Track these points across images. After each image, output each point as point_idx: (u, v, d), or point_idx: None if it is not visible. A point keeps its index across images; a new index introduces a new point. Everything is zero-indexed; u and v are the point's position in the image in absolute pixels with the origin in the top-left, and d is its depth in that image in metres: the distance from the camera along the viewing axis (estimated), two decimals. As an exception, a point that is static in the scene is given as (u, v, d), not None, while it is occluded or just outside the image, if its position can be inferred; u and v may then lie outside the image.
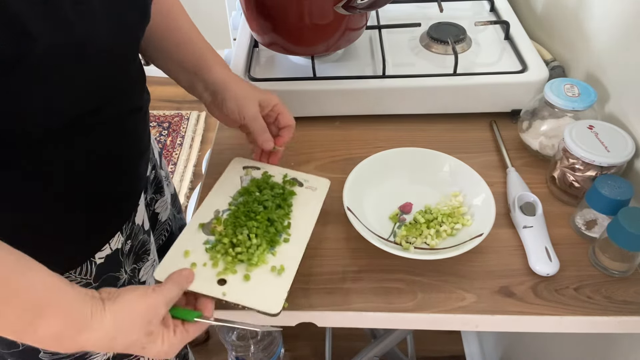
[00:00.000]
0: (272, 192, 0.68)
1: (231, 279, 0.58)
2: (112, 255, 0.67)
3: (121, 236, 0.68)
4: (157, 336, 0.50)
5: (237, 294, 0.57)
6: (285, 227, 0.65)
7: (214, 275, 0.59)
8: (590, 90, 0.74)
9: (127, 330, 0.48)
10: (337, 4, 0.75)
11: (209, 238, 0.63)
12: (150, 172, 0.83)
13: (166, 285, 0.53)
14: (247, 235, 0.61)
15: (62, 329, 0.46)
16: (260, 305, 0.56)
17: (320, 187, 0.71)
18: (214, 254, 0.61)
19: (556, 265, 0.63)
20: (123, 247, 0.69)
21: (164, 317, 0.51)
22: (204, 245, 0.62)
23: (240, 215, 0.64)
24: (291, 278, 0.59)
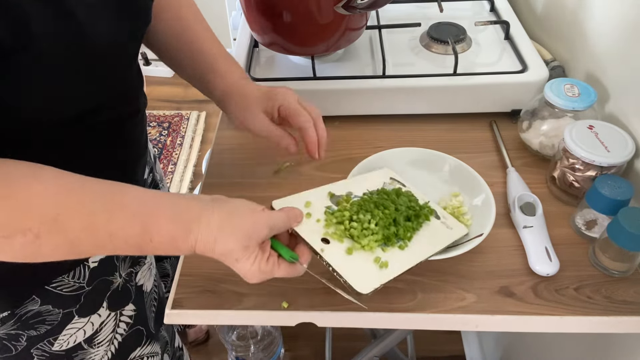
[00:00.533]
0: (408, 203, 0.66)
1: (334, 244, 0.57)
2: (106, 259, 0.67)
3: None
4: (251, 254, 0.50)
5: (334, 258, 0.55)
6: (407, 237, 0.62)
7: (321, 231, 0.58)
8: (590, 90, 0.74)
9: (228, 236, 0.49)
10: (337, 4, 0.75)
11: (332, 205, 0.62)
12: (148, 175, 0.83)
13: (276, 212, 0.53)
14: (369, 220, 0.60)
15: (173, 232, 0.48)
16: (351, 278, 0.54)
17: (456, 229, 0.67)
18: (330, 217, 0.60)
19: (556, 265, 0.63)
20: None
21: (264, 240, 0.51)
22: (325, 208, 0.61)
23: (370, 202, 0.63)
24: (391, 276, 0.56)
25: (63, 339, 0.66)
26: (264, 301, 0.63)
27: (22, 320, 0.62)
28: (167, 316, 0.63)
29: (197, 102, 2.47)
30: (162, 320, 0.85)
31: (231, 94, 0.69)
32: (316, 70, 0.85)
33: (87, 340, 0.69)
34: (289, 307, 0.62)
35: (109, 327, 0.71)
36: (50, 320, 0.64)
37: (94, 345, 0.70)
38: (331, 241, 0.57)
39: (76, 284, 0.64)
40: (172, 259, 1.07)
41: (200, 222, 0.49)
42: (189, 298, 0.64)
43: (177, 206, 0.50)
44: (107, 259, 0.67)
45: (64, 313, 0.65)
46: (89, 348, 0.70)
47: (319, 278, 0.56)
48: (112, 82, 0.58)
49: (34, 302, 0.62)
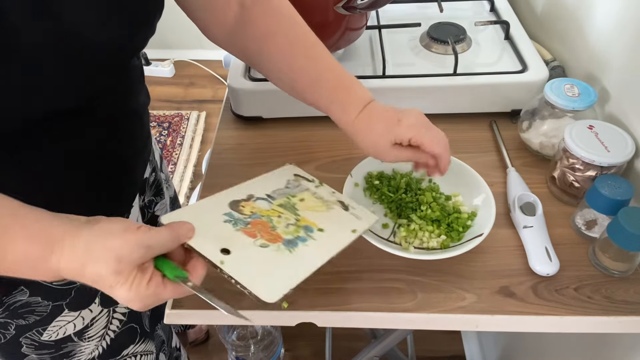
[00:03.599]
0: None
1: (237, 252, 0.53)
2: None
3: None
4: (126, 279, 0.44)
5: (236, 269, 0.50)
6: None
7: (220, 240, 0.53)
8: (590, 90, 0.74)
9: (96, 260, 0.44)
10: (337, 3, 0.75)
11: (232, 212, 0.59)
12: (150, 175, 0.83)
13: (156, 230, 0.47)
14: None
15: (29, 251, 0.43)
16: (256, 288, 0.49)
17: (365, 219, 0.66)
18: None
19: (556, 265, 0.63)
20: None
21: (143, 261, 0.45)
22: (224, 216, 0.58)
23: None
24: (301, 278, 0.54)
25: (52, 330, 0.67)
26: (264, 301, 0.63)
27: (11, 309, 0.63)
28: (167, 316, 0.63)
29: (197, 102, 2.47)
30: (158, 319, 0.85)
31: (356, 133, 0.63)
32: (316, 70, 0.85)
33: (78, 333, 0.69)
34: (289, 307, 0.62)
35: (101, 323, 0.71)
36: (39, 312, 0.64)
37: (85, 339, 0.70)
38: (232, 250, 0.53)
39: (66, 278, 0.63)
40: None
41: (63, 243, 0.44)
42: (188, 298, 0.63)
43: (39, 223, 0.44)
44: None
45: (54, 305, 0.65)
46: (79, 341, 0.70)
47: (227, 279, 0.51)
48: (105, 82, 0.58)
49: (22, 293, 0.62)
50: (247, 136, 0.86)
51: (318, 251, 0.58)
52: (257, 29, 0.64)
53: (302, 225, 0.61)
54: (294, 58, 0.64)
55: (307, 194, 0.68)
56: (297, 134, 0.86)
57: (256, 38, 0.64)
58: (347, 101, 0.63)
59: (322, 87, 0.64)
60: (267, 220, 0.60)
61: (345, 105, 0.63)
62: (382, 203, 0.73)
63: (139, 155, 0.72)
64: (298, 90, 0.66)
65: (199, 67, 2.63)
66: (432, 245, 0.66)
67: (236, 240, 0.55)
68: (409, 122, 0.61)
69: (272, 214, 0.61)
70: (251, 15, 0.64)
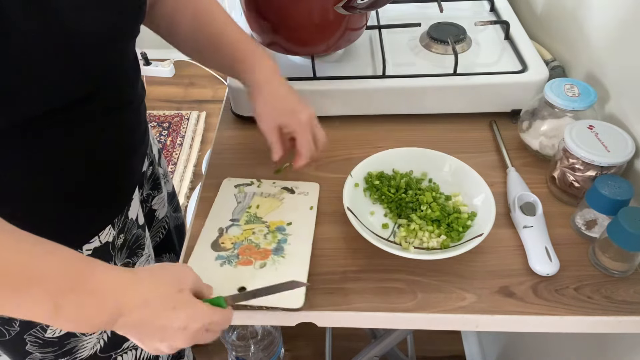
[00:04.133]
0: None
1: (250, 285, 0.61)
2: (102, 248, 0.67)
3: (112, 230, 0.68)
4: (188, 298, 0.50)
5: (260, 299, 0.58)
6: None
7: (232, 282, 0.62)
8: (590, 90, 0.74)
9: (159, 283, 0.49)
10: (337, 3, 0.75)
11: (219, 253, 0.66)
12: (148, 168, 0.83)
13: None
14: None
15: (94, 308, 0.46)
16: (283, 303, 0.60)
17: (312, 191, 0.75)
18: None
19: (556, 265, 0.63)
20: (115, 241, 0.69)
21: (193, 287, 0.52)
22: (217, 261, 0.65)
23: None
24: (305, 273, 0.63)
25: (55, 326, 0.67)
26: (264, 301, 0.63)
27: None
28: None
29: (197, 102, 2.47)
30: None
31: (257, 96, 0.70)
32: (316, 70, 0.85)
33: None
34: (289, 307, 0.62)
35: None
36: None
37: (87, 334, 0.70)
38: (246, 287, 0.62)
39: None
40: (171, 255, 1.06)
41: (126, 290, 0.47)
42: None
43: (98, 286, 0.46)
44: (102, 247, 0.67)
45: None
46: (82, 336, 0.70)
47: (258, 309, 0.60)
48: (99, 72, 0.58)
49: None
50: (247, 136, 0.86)
51: (301, 242, 0.67)
52: (167, 6, 0.71)
53: (274, 228, 0.69)
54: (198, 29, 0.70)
55: (257, 198, 0.74)
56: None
57: (165, 16, 0.71)
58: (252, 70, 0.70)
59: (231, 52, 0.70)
60: (248, 243, 0.67)
61: (251, 73, 0.70)
62: (382, 203, 0.73)
63: (138, 145, 0.72)
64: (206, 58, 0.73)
65: (199, 67, 2.63)
66: (432, 245, 0.66)
67: (241, 275, 0.64)
68: (300, 118, 0.68)
69: (247, 234, 0.69)
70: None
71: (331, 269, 0.66)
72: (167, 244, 1.02)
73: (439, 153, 0.75)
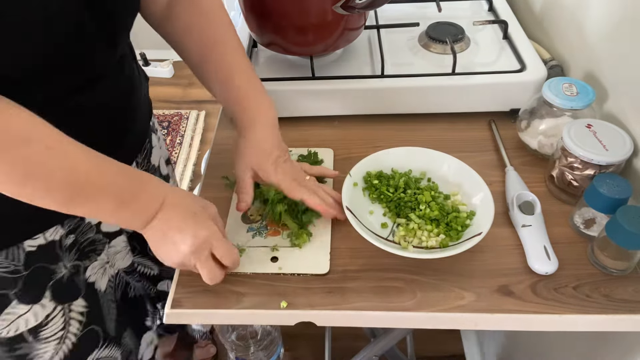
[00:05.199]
0: None
1: (281, 254, 0.67)
2: (46, 246, 0.65)
3: (60, 229, 0.66)
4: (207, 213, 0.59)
5: (292, 266, 0.66)
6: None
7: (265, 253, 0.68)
8: (588, 89, 0.74)
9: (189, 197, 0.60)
10: (335, 3, 0.75)
11: (250, 226, 0.71)
12: (143, 160, 0.82)
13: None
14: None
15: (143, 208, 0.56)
16: (313, 269, 0.66)
17: (327, 157, 0.81)
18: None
19: (555, 264, 0.63)
20: (62, 240, 0.67)
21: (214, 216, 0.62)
22: (249, 233, 0.70)
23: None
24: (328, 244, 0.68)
25: (3, 324, 0.66)
26: (263, 301, 0.63)
27: None
28: (166, 316, 0.63)
29: (197, 102, 2.47)
30: (125, 324, 0.84)
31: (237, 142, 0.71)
32: (315, 70, 0.86)
33: (32, 331, 0.68)
34: (288, 307, 0.62)
35: (58, 322, 0.70)
36: None
37: (40, 340, 0.69)
38: (278, 256, 0.67)
39: (11, 265, 0.63)
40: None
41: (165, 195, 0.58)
42: (188, 298, 0.64)
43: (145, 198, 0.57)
44: (47, 245, 0.65)
45: (1, 294, 0.64)
46: (35, 342, 0.69)
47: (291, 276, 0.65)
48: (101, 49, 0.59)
49: None
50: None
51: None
52: (178, 24, 0.70)
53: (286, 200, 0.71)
54: (205, 57, 0.70)
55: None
56: (295, 134, 0.86)
57: (176, 33, 0.70)
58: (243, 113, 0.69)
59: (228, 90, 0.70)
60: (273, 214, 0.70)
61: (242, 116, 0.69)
62: (381, 202, 0.73)
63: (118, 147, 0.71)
64: (209, 87, 0.72)
65: (198, 67, 2.62)
66: (431, 244, 0.66)
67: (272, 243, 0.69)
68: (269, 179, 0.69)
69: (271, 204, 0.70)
70: (176, 9, 0.69)
71: (330, 269, 0.66)
72: None
73: (437, 152, 0.75)
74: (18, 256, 0.63)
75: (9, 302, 0.65)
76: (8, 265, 0.63)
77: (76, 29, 0.53)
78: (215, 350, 1.48)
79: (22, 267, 0.64)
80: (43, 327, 0.69)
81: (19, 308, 0.66)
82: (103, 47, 0.60)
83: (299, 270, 0.66)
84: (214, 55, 0.69)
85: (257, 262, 0.67)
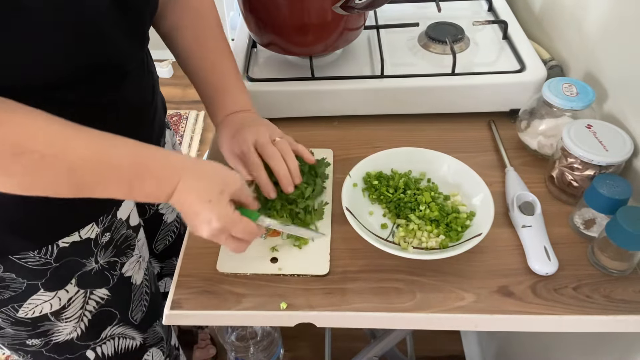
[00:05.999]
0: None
1: (281, 255, 0.67)
2: (81, 243, 0.67)
3: (96, 227, 0.68)
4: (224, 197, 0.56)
5: (291, 266, 0.66)
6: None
7: (265, 255, 0.67)
8: (588, 89, 0.74)
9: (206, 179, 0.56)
10: (335, 4, 0.75)
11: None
12: None
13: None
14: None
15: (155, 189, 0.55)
16: (312, 270, 0.65)
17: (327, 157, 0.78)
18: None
19: (555, 265, 0.63)
20: (98, 238, 0.69)
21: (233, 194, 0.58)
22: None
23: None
24: (328, 245, 0.68)
25: (28, 307, 0.67)
26: (262, 302, 0.63)
27: None
28: (166, 317, 0.63)
29: (196, 103, 2.47)
30: (156, 316, 0.86)
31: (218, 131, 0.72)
32: (314, 71, 0.85)
33: (55, 313, 0.70)
34: (288, 308, 0.62)
35: (78, 303, 0.71)
36: (13, 288, 0.65)
37: (62, 320, 0.71)
38: (277, 257, 0.67)
39: (42, 259, 0.64)
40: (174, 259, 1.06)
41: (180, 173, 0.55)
42: (188, 299, 0.64)
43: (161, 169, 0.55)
44: (82, 242, 0.67)
45: (29, 284, 0.65)
46: (56, 321, 0.71)
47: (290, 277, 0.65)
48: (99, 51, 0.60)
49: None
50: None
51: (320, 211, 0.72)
52: (167, 23, 0.73)
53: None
54: (192, 54, 0.73)
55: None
56: (295, 135, 0.85)
57: (165, 31, 0.74)
58: (221, 105, 0.72)
59: (209, 85, 0.73)
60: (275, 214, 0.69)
61: (219, 107, 0.72)
62: (381, 203, 0.73)
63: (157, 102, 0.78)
64: (194, 82, 0.75)
65: (197, 67, 2.63)
66: (430, 245, 0.66)
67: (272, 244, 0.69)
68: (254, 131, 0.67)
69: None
70: (165, 9, 0.72)
71: (330, 269, 0.66)
72: (176, 247, 1.02)
73: (437, 153, 0.75)
74: (51, 252, 0.65)
75: (37, 290, 0.66)
76: (39, 259, 0.64)
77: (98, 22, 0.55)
78: (215, 351, 1.48)
79: (52, 261, 0.65)
80: (65, 310, 0.71)
81: (46, 295, 0.67)
82: (128, 43, 0.62)
83: (299, 271, 0.65)
84: (200, 51, 0.72)
85: (256, 263, 0.66)
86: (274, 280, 0.65)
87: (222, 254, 0.68)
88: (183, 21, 0.73)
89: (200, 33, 0.73)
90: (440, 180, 0.74)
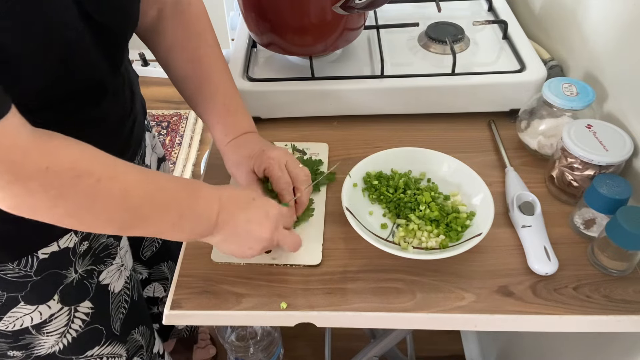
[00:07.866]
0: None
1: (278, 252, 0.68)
2: (60, 253, 0.66)
3: (75, 236, 0.68)
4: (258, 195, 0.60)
5: (284, 257, 0.67)
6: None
7: None
8: (588, 89, 0.74)
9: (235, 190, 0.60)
10: (335, 3, 0.75)
11: None
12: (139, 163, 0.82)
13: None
14: None
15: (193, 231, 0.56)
16: (305, 260, 0.67)
17: (322, 152, 0.81)
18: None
19: (555, 265, 0.63)
20: (76, 247, 0.68)
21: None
22: None
23: None
24: (320, 236, 0.69)
25: (8, 320, 0.67)
26: (262, 302, 0.63)
27: None
28: (166, 317, 0.63)
29: (196, 103, 2.47)
30: (135, 324, 0.85)
31: (224, 153, 0.72)
32: (314, 71, 0.85)
33: (36, 327, 0.69)
34: (288, 308, 0.62)
35: (61, 320, 0.71)
36: None
37: (43, 334, 0.70)
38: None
39: (22, 271, 0.64)
40: (169, 263, 1.06)
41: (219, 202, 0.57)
42: (187, 299, 0.64)
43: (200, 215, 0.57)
44: (60, 252, 0.66)
45: (9, 296, 0.65)
46: (38, 334, 0.70)
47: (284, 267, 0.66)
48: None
49: None
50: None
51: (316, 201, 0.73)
52: (165, 41, 0.71)
53: None
54: (190, 75, 0.71)
55: None
56: (295, 135, 0.86)
57: (162, 49, 0.72)
58: (229, 126, 0.71)
59: (213, 107, 0.71)
60: None
61: (227, 129, 0.71)
62: (381, 203, 0.73)
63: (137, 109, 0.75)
64: (192, 103, 0.73)
65: (197, 67, 2.62)
66: (430, 245, 0.66)
67: None
68: (272, 157, 0.67)
69: None
70: (164, 26, 0.71)
71: (330, 269, 0.66)
72: (164, 253, 1.01)
73: (437, 153, 0.75)
74: (31, 263, 0.64)
75: (17, 303, 0.66)
76: (19, 271, 0.63)
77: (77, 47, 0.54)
78: (215, 351, 1.48)
79: (32, 273, 0.65)
80: (47, 324, 0.70)
81: (26, 308, 0.67)
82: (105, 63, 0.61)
83: (292, 261, 0.66)
84: (198, 73, 0.71)
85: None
86: (274, 280, 0.65)
87: None
88: (180, 41, 0.71)
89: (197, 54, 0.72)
90: (440, 180, 0.74)
